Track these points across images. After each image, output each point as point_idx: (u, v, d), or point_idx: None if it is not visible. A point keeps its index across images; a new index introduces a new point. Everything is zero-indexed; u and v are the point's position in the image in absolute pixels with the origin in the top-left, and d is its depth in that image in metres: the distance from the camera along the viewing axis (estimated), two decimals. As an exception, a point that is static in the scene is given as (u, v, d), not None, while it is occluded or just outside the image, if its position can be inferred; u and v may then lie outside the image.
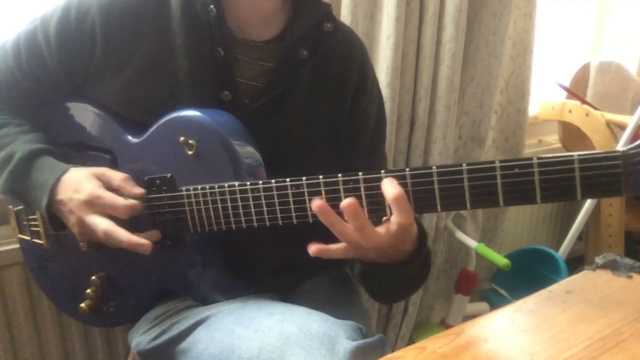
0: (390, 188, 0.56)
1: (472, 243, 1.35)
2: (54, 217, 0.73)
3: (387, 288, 0.74)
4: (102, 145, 0.77)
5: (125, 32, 0.71)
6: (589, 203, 1.57)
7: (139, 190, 0.69)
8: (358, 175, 0.58)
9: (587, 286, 0.66)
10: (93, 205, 0.67)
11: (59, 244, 0.82)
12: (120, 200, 0.67)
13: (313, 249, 0.61)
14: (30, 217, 0.84)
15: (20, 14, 1.03)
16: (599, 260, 0.71)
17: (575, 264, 1.66)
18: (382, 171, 0.57)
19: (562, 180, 0.49)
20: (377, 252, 0.62)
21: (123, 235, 0.66)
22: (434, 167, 0.54)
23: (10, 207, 0.88)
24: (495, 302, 1.59)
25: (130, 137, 0.74)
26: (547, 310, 0.60)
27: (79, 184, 0.68)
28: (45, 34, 0.73)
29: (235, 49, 0.74)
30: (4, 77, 0.78)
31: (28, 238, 0.86)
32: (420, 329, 1.53)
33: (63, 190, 0.69)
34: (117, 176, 0.69)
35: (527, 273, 1.60)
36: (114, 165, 0.76)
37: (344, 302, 0.86)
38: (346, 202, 0.57)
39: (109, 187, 0.69)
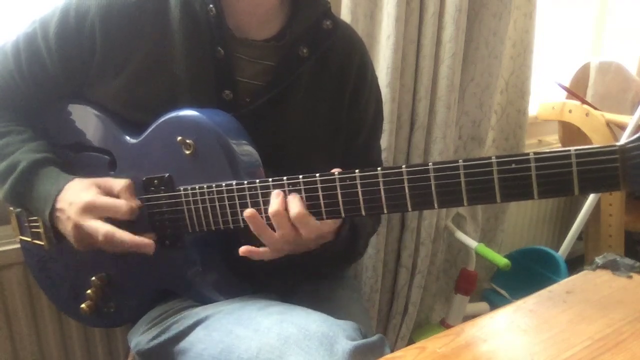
0: (293, 205, 0.60)
1: (472, 243, 1.35)
2: (55, 227, 0.74)
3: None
4: (100, 146, 0.77)
5: (124, 32, 0.71)
6: (589, 203, 1.57)
7: (136, 203, 0.70)
8: (354, 172, 0.58)
9: (587, 286, 0.66)
10: (92, 210, 0.67)
11: (59, 245, 0.82)
12: (121, 202, 0.67)
13: (243, 249, 0.64)
14: (31, 218, 0.84)
15: (18, 15, 1.03)
16: (599, 260, 0.71)
17: (575, 264, 1.65)
18: (379, 168, 0.57)
19: (559, 175, 0.49)
20: (300, 248, 0.66)
21: (125, 236, 0.66)
22: (430, 164, 0.54)
23: (11, 208, 0.88)
24: (495, 302, 1.59)
25: (128, 138, 0.74)
26: (547, 310, 0.60)
27: (79, 191, 0.69)
28: (45, 35, 0.73)
29: (235, 48, 0.74)
30: (4, 80, 0.78)
31: (29, 239, 0.86)
32: (420, 329, 1.53)
33: (64, 198, 0.70)
34: (119, 182, 0.70)
35: (527, 273, 1.60)
36: (113, 165, 0.76)
37: (344, 302, 0.86)
38: (272, 210, 0.61)
39: (110, 194, 0.69)
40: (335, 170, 0.60)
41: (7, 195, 0.74)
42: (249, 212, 0.63)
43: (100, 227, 0.66)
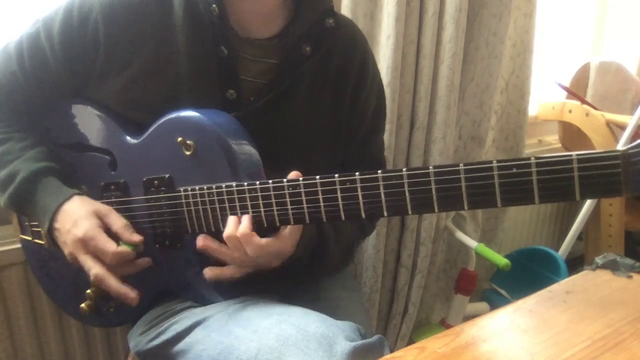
0: (241, 225, 0.64)
1: (472, 243, 1.35)
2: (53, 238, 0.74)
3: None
4: (101, 146, 0.77)
5: (127, 32, 0.71)
6: (589, 203, 1.57)
7: (137, 238, 0.70)
8: (355, 175, 0.58)
9: (587, 286, 0.66)
10: (86, 245, 0.68)
11: None
12: (111, 248, 0.67)
13: (209, 274, 0.68)
14: (32, 217, 0.84)
15: (20, 15, 1.03)
16: (599, 260, 0.71)
17: (575, 264, 1.66)
18: (379, 171, 0.57)
19: (561, 181, 0.49)
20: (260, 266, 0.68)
21: (113, 284, 0.68)
22: (430, 168, 0.54)
23: None
24: (495, 302, 1.59)
25: (129, 138, 0.74)
26: (547, 310, 0.60)
27: (79, 219, 0.69)
28: (48, 35, 0.73)
29: (238, 47, 0.75)
30: (6, 80, 0.78)
31: (29, 238, 0.86)
32: (420, 329, 1.53)
33: (63, 220, 0.70)
34: (117, 222, 0.70)
35: (527, 273, 1.60)
36: (113, 165, 0.76)
37: (344, 302, 0.86)
38: (226, 233, 0.64)
39: (108, 230, 0.70)
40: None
41: (7, 204, 0.75)
42: (201, 242, 0.67)
43: (92, 268, 0.68)
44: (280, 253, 0.66)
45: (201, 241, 0.67)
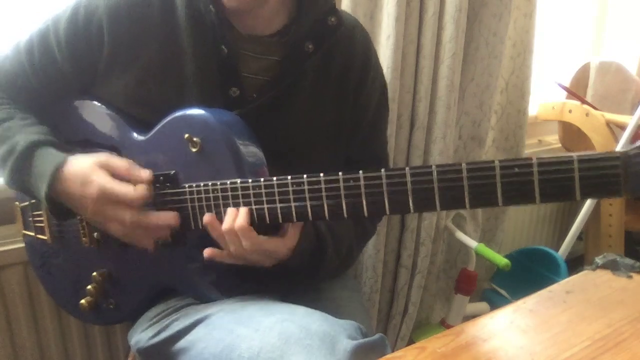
0: (239, 218, 0.64)
1: (472, 243, 1.35)
2: (57, 207, 0.73)
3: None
4: (108, 142, 0.77)
5: (132, 32, 0.72)
6: (589, 203, 1.57)
7: (146, 174, 0.69)
8: (358, 174, 0.58)
9: (587, 286, 0.66)
10: (106, 199, 0.66)
11: (61, 239, 0.83)
12: (131, 191, 0.66)
13: (208, 252, 0.68)
14: (35, 212, 0.84)
15: (31, 14, 1.04)
16: (599, 260, 0.71)
17: (575, 264, 1.66)
18: (382, 170, 0.57)
19: (561, 181, 0.49)
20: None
21: (153, 218, 0.68)
22: (433, 166, 0.54)
23: (17, 203, 0.88)
24: (495, 302, 1.59)
25: (136, 135, 0.75)
26: (547, 310, 0.60)
27: (85, 176, 0.68)
28: (56, 32, 0.75)
29: (240, 45, 0.75)
30: (16, 75, 0.79)
31: (32, 234, 0.87)
32: (420, 329, 1.53)
33: (69, 187, 0.69)
34: (121, 166, 0.69)
35: (527, 273, 1.60)
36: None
37: (344, 302, 0.86)
38: (224, 227, 0.65)
39: (114, 177, 0.68)
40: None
41: (9, 179, 0.74)
42: (207, 218, 0.66)
43: (125, 215, 0.66)
44: (275, 253, 0.67)
45: (208, 217, 0.67)
